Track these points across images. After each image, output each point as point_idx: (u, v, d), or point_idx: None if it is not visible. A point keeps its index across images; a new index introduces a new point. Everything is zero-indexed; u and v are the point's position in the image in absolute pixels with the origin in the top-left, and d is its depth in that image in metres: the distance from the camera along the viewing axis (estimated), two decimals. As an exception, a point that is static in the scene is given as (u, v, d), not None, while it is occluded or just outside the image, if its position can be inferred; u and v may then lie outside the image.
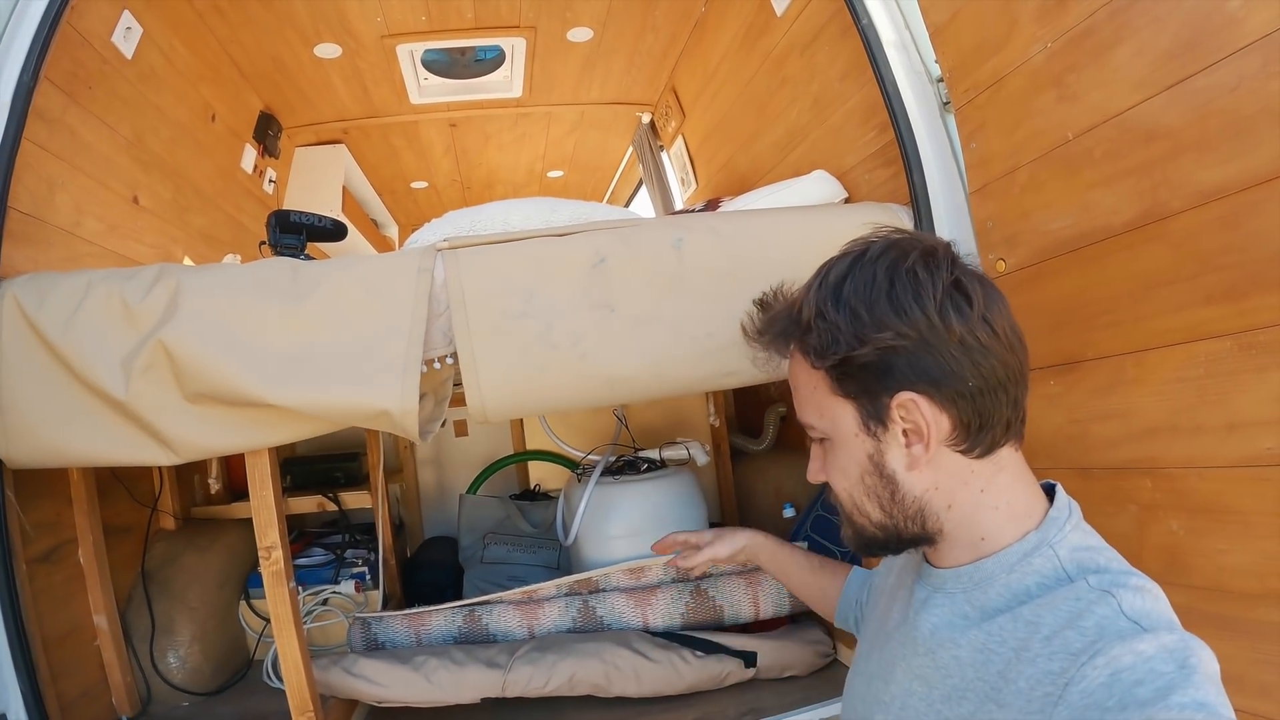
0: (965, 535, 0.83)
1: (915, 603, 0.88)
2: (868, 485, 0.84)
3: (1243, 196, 0.97)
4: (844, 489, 0.87)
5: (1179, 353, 1.07)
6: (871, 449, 0.83)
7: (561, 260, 1.30)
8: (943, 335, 0.77)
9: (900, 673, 0.87)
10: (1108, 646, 0.65)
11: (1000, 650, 0.75)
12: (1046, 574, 0.77)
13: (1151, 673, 0.63)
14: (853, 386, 0.82)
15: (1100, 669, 0.65)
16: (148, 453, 1.28)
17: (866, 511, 0.85)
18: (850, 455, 0.84)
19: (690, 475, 1.89)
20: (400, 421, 1.20)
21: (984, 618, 0.79)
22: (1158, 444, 1.12)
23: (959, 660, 0.79)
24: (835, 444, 0.86)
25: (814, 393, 0.86)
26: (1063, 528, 0.80)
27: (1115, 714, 0.61)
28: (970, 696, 0.76)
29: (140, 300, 1.25)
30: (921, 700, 0.82)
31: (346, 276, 1.26)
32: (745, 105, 2.53)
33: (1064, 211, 1.24)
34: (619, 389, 1.29)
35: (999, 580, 0.79)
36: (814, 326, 0.82)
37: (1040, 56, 1.25)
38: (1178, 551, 1.10)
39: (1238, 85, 0.96)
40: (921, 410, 0.79)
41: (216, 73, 2.48)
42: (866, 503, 0.85)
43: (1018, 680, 0.71)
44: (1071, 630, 0.69)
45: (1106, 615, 0.68)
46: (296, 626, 1.38)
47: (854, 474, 0.85)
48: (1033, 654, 0.71)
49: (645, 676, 1.52)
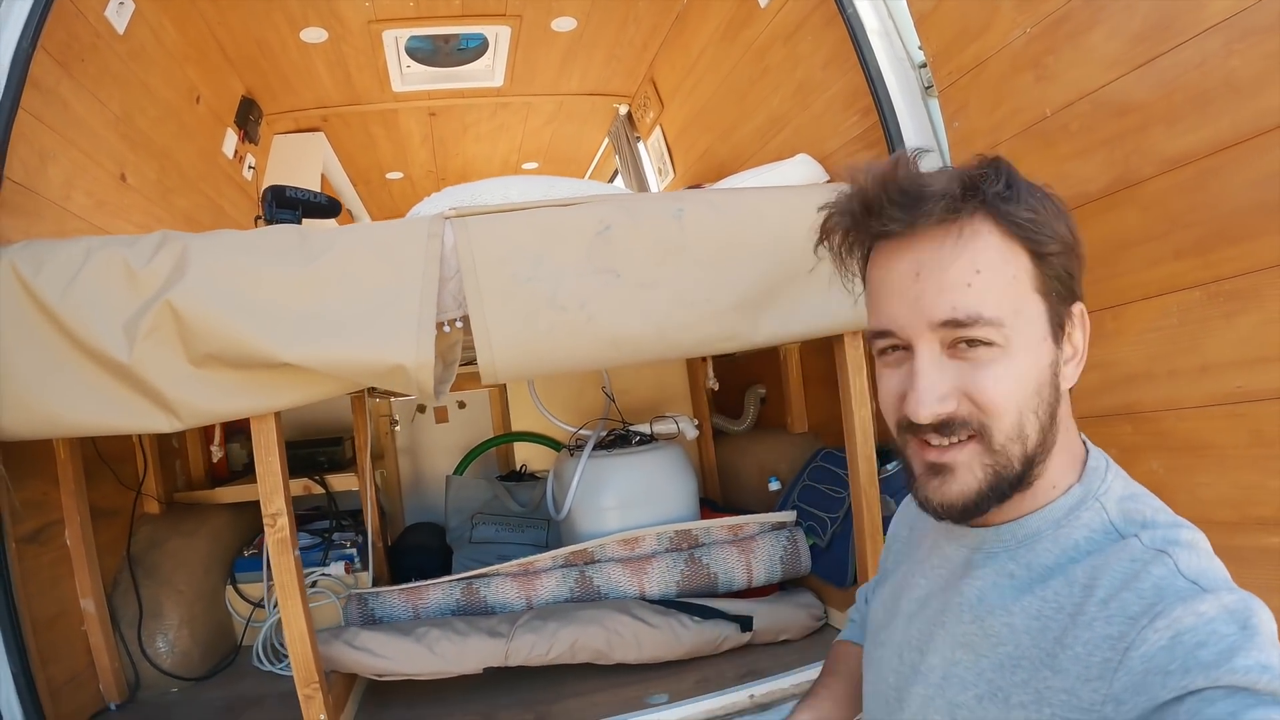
0: (1047, 480, 0.75)
1: (952, 566, 0.82)
2: (1043, 399, 0.71)
3: (1207, 161, 1.07)
4: (1016, 404, 0.71)
5: (1153, 305, 1.15)
6: (1054, 357, 0.72)
7: (567, 228, 1.34)
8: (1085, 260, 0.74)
9: (941, 642, 0.80)
10: (1168, 609, 0.62)
11: (1056, 616, 0.70)
12: (1095, 528, 0.72)
13: (1214, 634, 0.60)
14: (1052, 283, 0.71)
15: (1161, 632, 0.61)
16: (149, 419, 1.27)
17: (1027, 435, 0.71)
18: (1036, 362, 0.71)
19: (680, 448, 1.93)
20: (415, 376, 1.22)
21: (1035, 580, 0.73)
22: (1136, 390, 1.19)
23: (1012, 627, 0.73)
24: (1015, 349, 0.70)
25: (1011, 282, 0.70)
26: (1105, 477, 0.75)
27: (1178, 678, 0.58)
28: (1024, 664, 0.71)
29: (145, 264, 1.25)
30: (968, 669, 0.76)
31: (356, 241, 1.28)
32: (726, 95, 2.59)
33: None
34: (623, 349, 1.33)
35: (1046, 536, 0.74)
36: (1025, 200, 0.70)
37: (1020, 40, 1.34)
38: (1160, 490, 1.09)
39: (1202, 62, 1.06)
40: (1085, 327, 0.73)
41: (203, 54, 2.47)
42: (1032, 423, 0.71)
43: (1074, 645, 0.67)
44: (1128, 592, 0.65)
45: (1164, 576, 0.65)
46: (302, 595, 1.38)
47: (1032, 385, 0.71)
48: (1089, 618, 0.67)
49: (645, 642, 1.56)
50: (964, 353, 0.71)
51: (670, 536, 1.74)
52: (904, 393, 0.73)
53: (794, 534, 1.79)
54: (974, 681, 0.75)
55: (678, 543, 1.75)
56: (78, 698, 1.58)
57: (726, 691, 1.45)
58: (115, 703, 1.66)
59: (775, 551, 1.75)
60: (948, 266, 0.71)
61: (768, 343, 1.42)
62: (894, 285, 0.74)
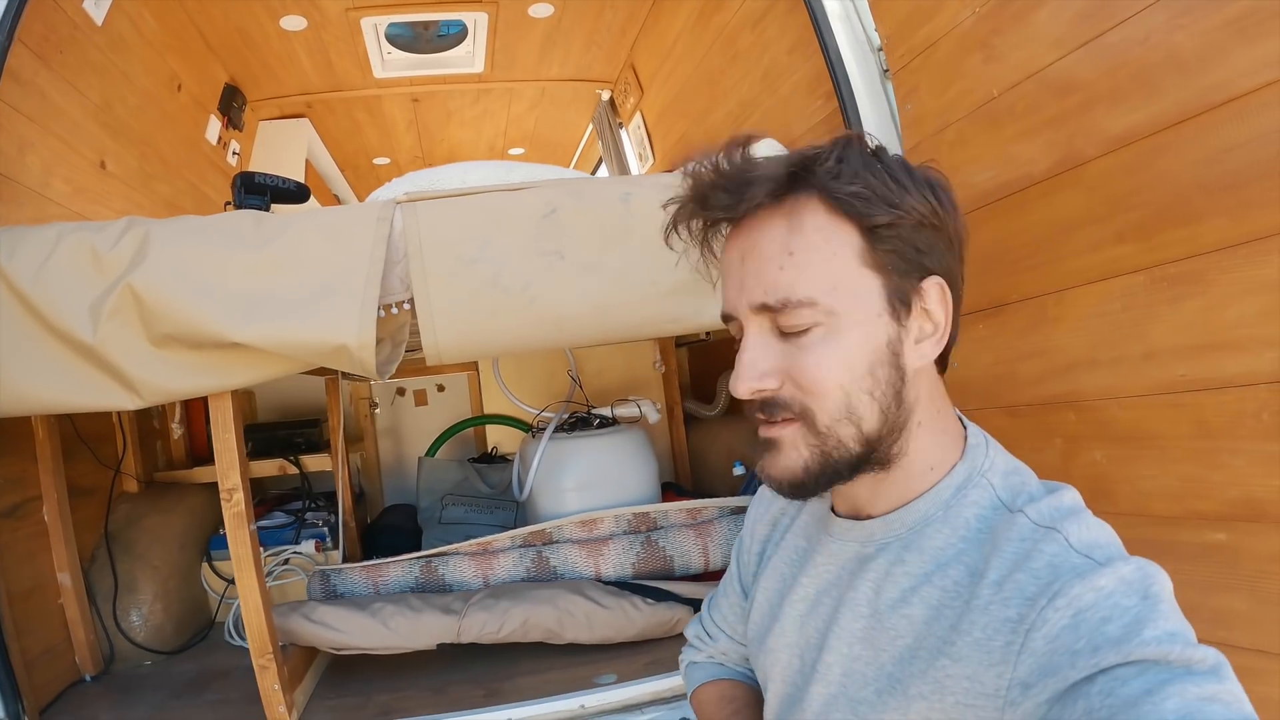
0: (918, 461, 0.74)
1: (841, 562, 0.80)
2: (878, 379, 0.70)
3: (1150, 141, 1.04)
4: (840, 385, 0.70)
5: (1096, 290, 1.13)
6: (893, 334, 0.70)
7: (514, 211, 1.35)
8: (959, 235, 0.72)
9: (837, 639, 0.78)
10: (1066, 587, 0.61)
11: (952, 603, 0.69)
12: (985, 505, 0.72)
13: (1116, 608, 0.59)
14: (889, 257, 0.69)
15: (1061, 611, 0.60)
16: (112, 397, 1.30)
17: (860, 416, 0.70)
18: (866, 340, 0.70)
19: (641, 432, 1.94)
20: (357, 355, 1.24)
21: (931, 566, 0.72)
22: (1079, 378, 1.17)
23: (910, 619, 0.72)
24: (839, 328, 0.69)
25: (830, 259, 0.69)
26: (987, 453, 0.74)
27: (1087, 657, 0.58)
28: (922, 654, 0.70)
29: (110, 249, 1.28)
30: (868, 664, 0.75)
31: (308, 225, 1.30)
32: (700, 81, 2.60)
33: (989, 164, 1.31)
34: (566, 329, 1.34)
35: (936, 519, 0.73)
36: (859, 175, 0.68)
37: (969, 21, 1.32)
38: (1102, 480, 1.14)
39: (1145, 38, 1.03)
40: (945, 303, 0.71)
41: (183, 43, 2.49)
42: (865, 404, 0.70)
43: (971, 630, 0.66)
44: (1022, 573, 0.64)
45: (1056, 553, 0.64)
46: (257, 569, 1.41)
47: (862, 365, 0.70)
48: (984, 601, 0.66)
49: (597, 622, 1.57)
50: (788, 333, 0.71)
51: (628, 519, 1.76)
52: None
53: (755, 518, 1.80)
54: (874, 677, 0.74)
55: (635, 525, 1.77)
56: (53, 669, 1.62)
57: (675, 674, 1.46)
58: (90, 674, 1.70)
59: (733, 536, 1.75)
60: (764, 250, 0.71)
61: (712, 326, 1.43)
62: (727, 270, 0.75)
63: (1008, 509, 0.70)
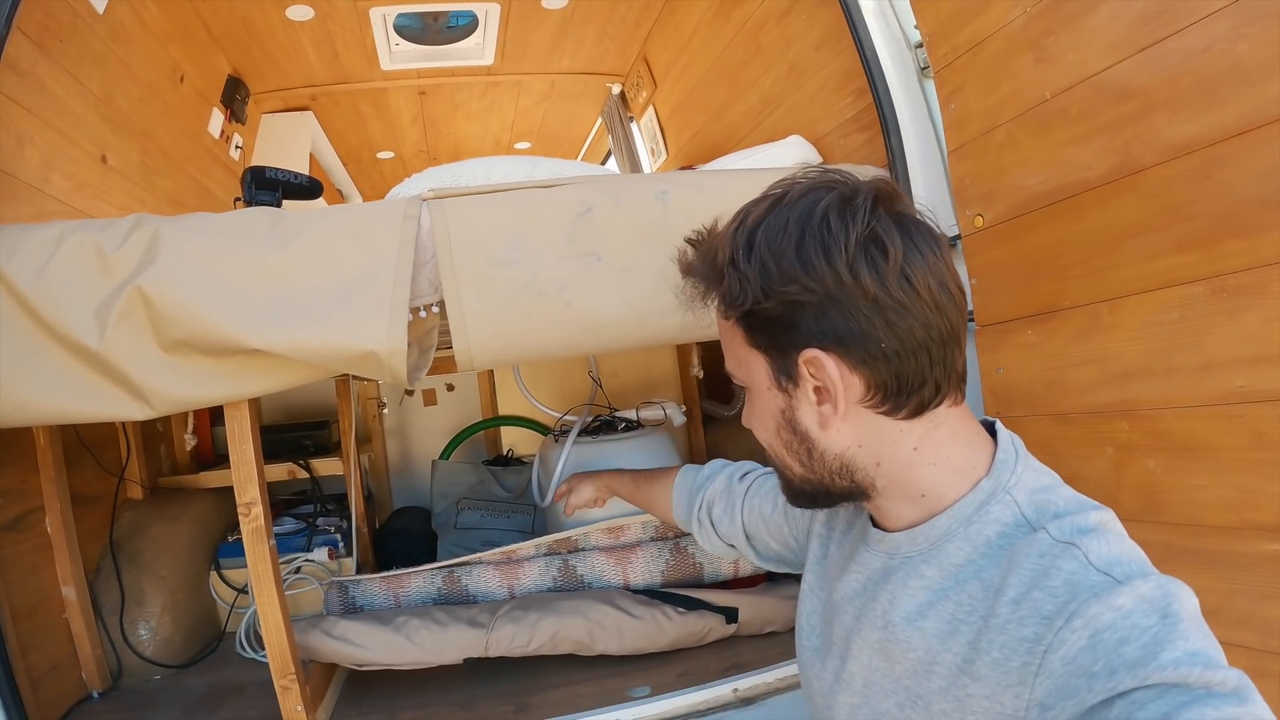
0: (903, 491, 0.78)
1: (870, 573, 0.83)
2: (784, 440, 0.80)
3: (1212, 150, 1.02)
4: (764, 440, 0.84)
5: (1153, 298, 1.11)
6: (784, 404, 0.78)
7: (547, 209, 1.30)
8: (852, 292, 0.70)
9: (858, 649, 0.82)
10: (1083, 607, 0.61)
11: (969, 619, 0.70)
12: (1007, 522, 0.72)
13: (1134, 629, 0.58)
14: (761, 339, 0.78)
15: (1079, 632, 0.60)
16: (121, 407, 1.24)
17: (788, 464, 0.82)
18: (765, 408, 0.81)
19: (667, 435, 1.90)
20: (388, 363, 1.18)
21: (949, 582, 0.74)
22: (1133, 387, 1.15)
23: (924, 632, 0.74)
24: (752, 395, 0.83)
25: (731, 341, 0.82)
26: (1014, 469, 0.75)
27: (1104, 680, 0.57)
28: (939, 670, 0.71)
29: (117, 249, 1.21)
30: (885, 676, 0.78)
31: (329, 223, 1.24)
32: (718, 75, 2.55)
33: (1040, 168, 1.28)
34: (603, 336, 1.29)
35: (957, 535, 0.74)
36: (726, 274, 0.77)
37: (1019, 21, 1.29)
38: (1155, 490, 1.13)
39: (1208, 47, 1.01)
40: (827, 370, 0.73)
41: (186, 33, 2.42)
42: (786, 456, 0.81)
43: (989, 650, 0.66)
44: (1039, 591, 0.64)
45: (1075, 570, 0.64)
46: (277, 585, 1.36)
47: (770, 426, 0.81)
48: (1001, 620, 0.66)
49: (628, 633, 1.53)
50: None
51: (656, 525, 1.72)
52: None
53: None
54: (893, 689, 0.76)
55: (663, 532, 1.73)
56: (59, 686, 1.56)
57: (709, 685, 1.42)
58: (98, 691, 1.64)
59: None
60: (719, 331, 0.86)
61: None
62: None
63: (1031, 526, 0.71)
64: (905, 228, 0.73)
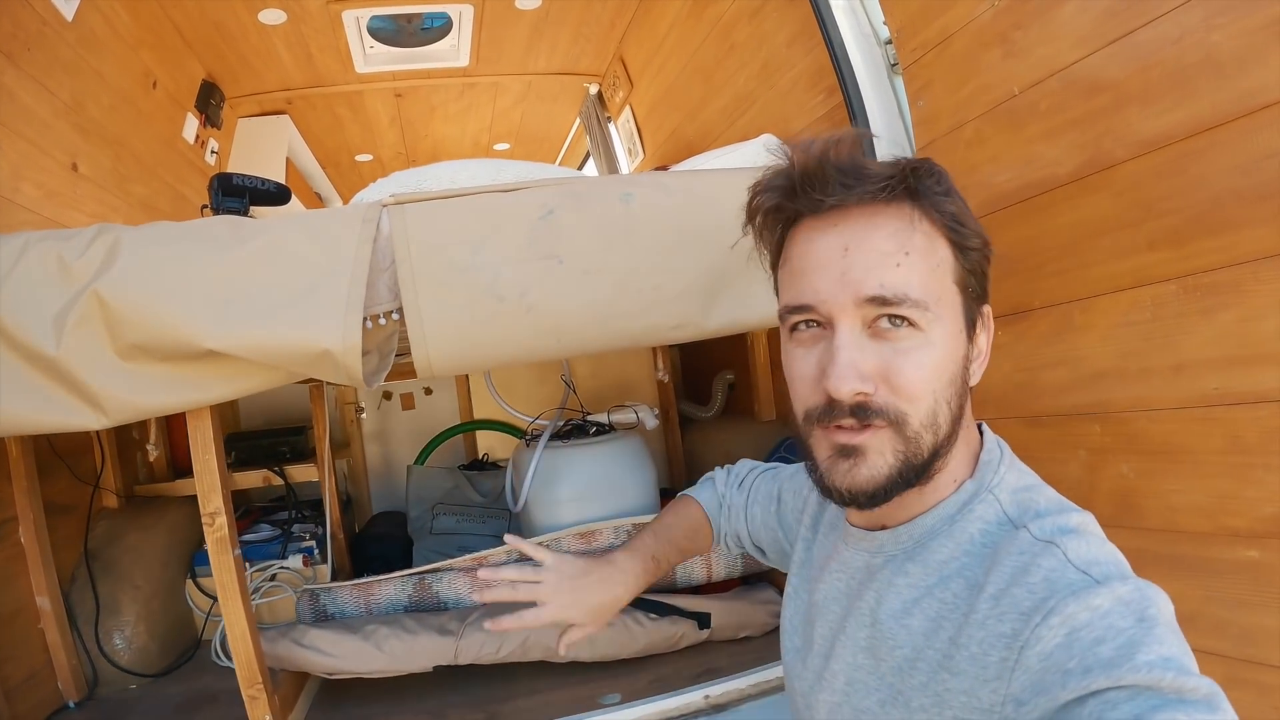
0: (946, 477, 0.75)
1: (852, 571, 0.82)
2: (956, 390, 0.72)
3: (1185, 144, 0.99)
4: (932, 392, 0.70)
5: (1125, 298, 1.08)
6: (966, 351, 0.73)
7: (509, 213, 1.28)
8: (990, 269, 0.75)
9: (843, 648, 0.80)
10: (1061, 604, 0.61)
11: (950, 615, 0.70)
12: (990, 520, 0.72)
13: (1111, 629, 0.58)
14: (969, 280, 0.73)
15: (1055, 629, 0.60)
16: (77, 416, 1.22)
17: (939, 425, 0.71)
18: (952, 352, 0.72)
19: (639, 439, 1.88)
20: (342, 361, 1.15)
21: (933, 580, 0.73)
22: (1106, 388, 1.13)
23: (910, 629, 0.73)
24: (935, 336, 0.70)
25: (936, 268, 0.71)
26: (998, 470, 0.75)
27: (1079, 678, 0.57)
28: (921, 666, 0.71)
29: (78, 257, 1.20)
30: (870, 674, 0.76)
31: (288, 227, 1.22)
32: (693, 74, 2.53)
33: (1009, 164, 1.26)
34: (566, 340, 1.27)
35: (941, 533, 0.74)
36: (949, 196, 0.72)
37: (988, 15, 1.27)
38: (1129, 495, 1.11)
39: (1180, 38, 0.98)
40: (989, 330, 0.76)
41: (158, 38, 2.40)
42: (944, 413, 0.71)
43: (968, 645, 0.66)
44: (1018, 588, 0.64)
45: (1053, 568, 0.64)
46: (243, 595, 1.34)
47: (948, 374, 0.71)
48: (981, 616, 0.66)
49: (599, 640, 1.52)
50: (885, 334, 0.70)
51: (628, 530, 1.69)
52: (822, 370, 0.72)
53: (758, 526, 1.74)
54: (876, 686, 0.75)
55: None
56: (35, 696, 1.55)
57: (681, 692, 1.41)
58: (73, 700, 1.63)
59: (737, 544, 1.70)
60: (879, 244, 0.70)
61: (719, 332, 1.36)
62: (819, 259, 0.73)
63: (1013, 525, 0.70)
64: None
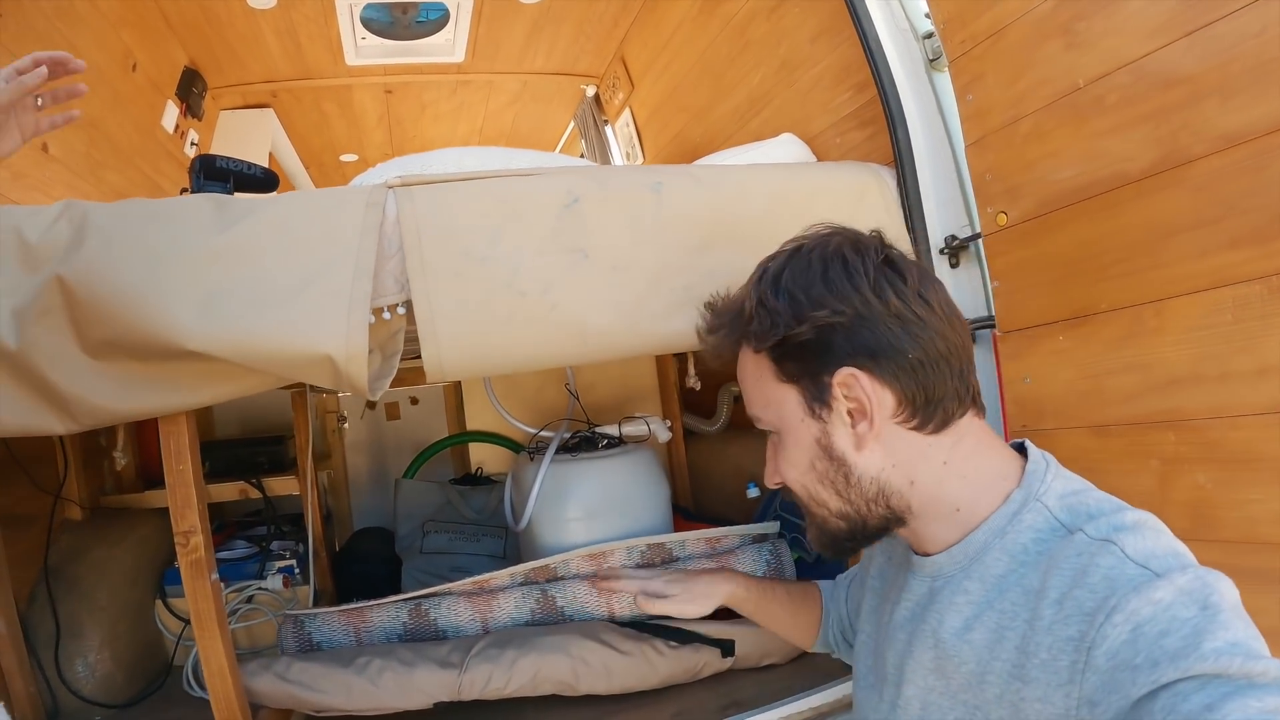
0: (937, 509, 0.82)
1: (917, 598, 0.86)
2: (819, 471, 0.84)
3: (1269, 140, 0.95)
4: (797, 481, 0.86)
5: (1203, 299, 1.04)
6: (818, 432, 0.83)
7: (530, 199, 1.16)
8: (878, 309, 0.78)
9: (912, 672, 0.84)
10: (1123, 601, 0.62)
11: (1014, 625, 0.72)
12: (1041, 527, 0.75)
13: (1175, 620, 0.60)
14: (793, 368, 0.82)
15: (1120, 626, 0.62)
16: (39, 419, 1.08)
17: (824, 501, 0.85)
18: (798, 443, 0.84)
19: (652, 452, 1.77)
20: (345, 369, 1.02)
21: (992, 593, 0.76)
22: (1181, 395, 1.07)
23: (973, 644, 0.76)
24: (783, 434, 0.86)
25: (759, 382, 0.87)
26: (1044, 478, 0.79)
27: (1147, 672, 0.58)
28: (991, 679, 0.73)
29: (40, 237, 1.06)
30: (943, 695, 0.80)
31: (281, 210, 1.09)
32: (702, 73, 2.44)
33: (1072, 160, 1.19)
34: (591, 342, 1.16)
35: (994, 547, 0.77)
36: (755, 315, 0.83)
37: (1046, 5, 1.21)
38: (1205, 505, 1.06)
39: (1262, 31, 0.94)
40: (862, 385, 0.79)
41: (140, 17, 2.27)
42: (822, 491, 0.84)
43: (1038, 652, 0.68)
44: (1080, 590, 0.66)
45: (1112, 566, 0.65)
46: (221, 626, 1.20)
47: (804, 462, 0.84)
48: (1046, 622, 0.68)
49: (616, 671, 1.39)
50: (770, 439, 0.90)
51: (642, 550, 1.57)
52: None
53: (777, 547, 1.63)
54: (951, 706, 0.78)
55: (650, 557, 1.59)
56: (-12, 727, 1.39)
57: (704, 727, 1.29)
58: (31, 733, 1.46)
59: (757, 566, 1.58)
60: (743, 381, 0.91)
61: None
62: None
63: (1066, 529, 0.73)
64: (914, 261, 0.84)
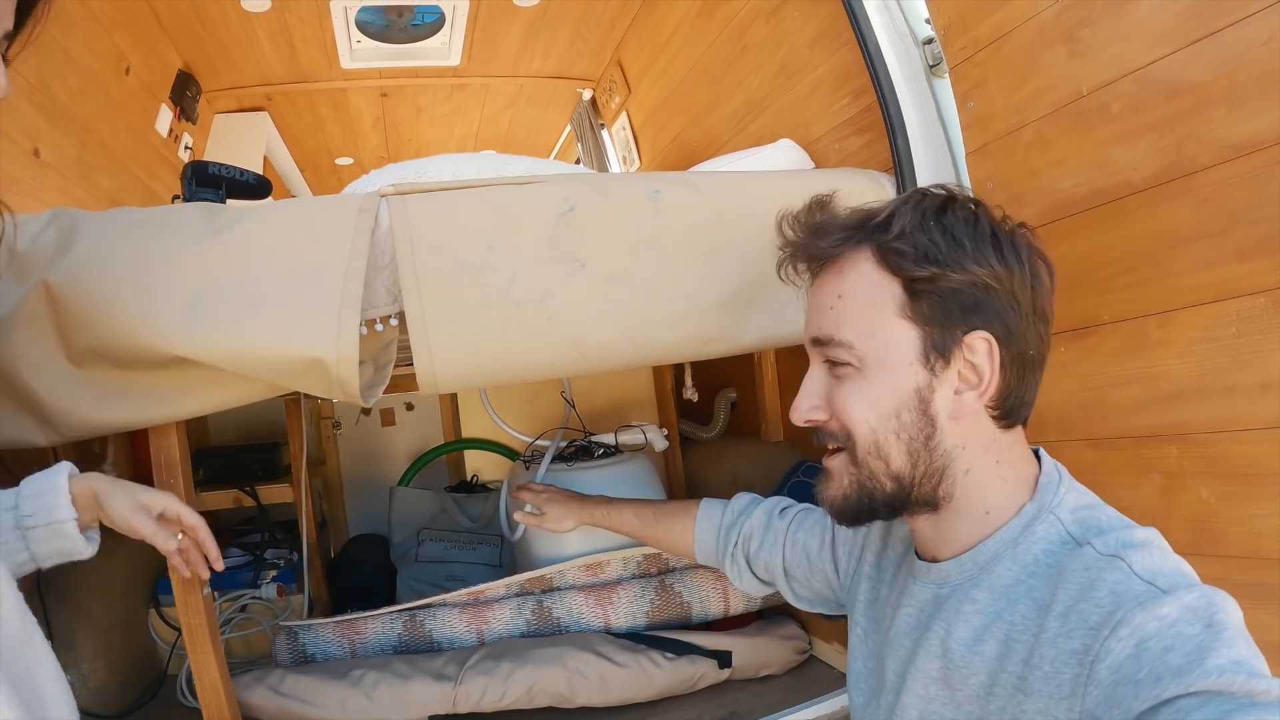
0: (974, 506, 0.79)
1: (920, 604, 0.84)
2: (903, 423, 0.78)
3: (1276, 150, 0.93)
4: (867, 423, 0.78)
5: (1209, 311, 1.02)
6: (923, 383, 0.77)
7: (525, 208, 1.14)
8: (1029, 296, 0.77)
9: (914, 681, 0.82)
10: (1129, 616, 0.62)
11: (1021, 637, 0.71)
12: (1053, 539, 0.75)
13: (1179, 637, 0.60)
14: (929, 310, 0.76)
15: (1124, 641, 0.61)
16: (20, 430, 1.07)
17: (887, 454, 0.78)
18: (893, 385, 0.78)
19: (648, 461, 1.76)
20: (336, 373, 1.00)
21: (1001, 604, 0.75)
22: (1185, 408, 1.06)
23: (983, 656, 0.74)
24: (873, 371, 0.78)
25: (870, 307, 0.78)
26: (1058, 491, 0.78)
27: (1149, 687, 0.58)
28: (998, 691, 0.72)
29: (28, 245, 1.04)
30: (945, 705, 0.78)
31: (272, 217, 1.07)
32: (700, 76, 2.42)
33: (1076, 169, 1.18)
34: (590, 354, 1.14)
35: (1005, 557, 0.77)
36: (907, 234, 0.77)
37: (1050, 11, 1.19)
38: (1209, 520, 1.05)
39: (1270, 39, 0.93)
40: (991, 357, 0.76)
41: (133, 20, 2.23)
42: (892, 444, 0.78)
43: (1041, 664, 0.68)
44: (1086, 603, 0.66)
45: (1119, 581, 0.65)
46: (213, 641, 1.18)
47: (889, 407, 0.78)
48: (1051, 634, 0.68)
49: (613, 683, 1.38)
50: (834, 370, 0.81)
51: (638, 561, 1.57)
52: None
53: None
54: (954, 717, 0.77)
55: (646, 568, 1.58)
56: (-21, 742, 1.36)
57: (700, 739, 1.28)
58: (22, 746, 1.44)
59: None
60: (820, 294, 0.83)
61: (754, 347, 1.24)
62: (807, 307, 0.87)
63: (1076, 543, 0.73)
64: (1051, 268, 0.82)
